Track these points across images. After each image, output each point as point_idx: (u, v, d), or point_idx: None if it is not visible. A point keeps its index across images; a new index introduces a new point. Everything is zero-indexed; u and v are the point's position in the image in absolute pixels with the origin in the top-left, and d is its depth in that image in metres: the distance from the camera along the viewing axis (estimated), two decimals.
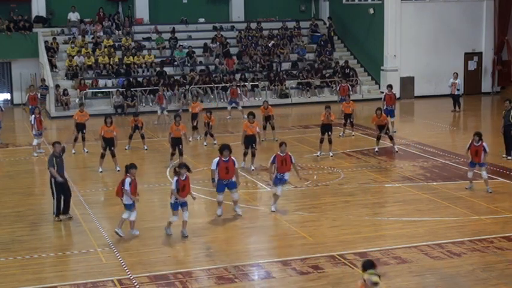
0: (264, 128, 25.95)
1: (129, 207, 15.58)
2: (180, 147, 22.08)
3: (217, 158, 16.64)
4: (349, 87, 32.74)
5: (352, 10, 39.86)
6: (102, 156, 21.81)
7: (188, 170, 15.43)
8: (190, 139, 25.52)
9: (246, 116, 30.13)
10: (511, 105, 22.52)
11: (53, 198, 17.03)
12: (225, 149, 16.67)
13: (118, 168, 21.47)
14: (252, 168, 21.75)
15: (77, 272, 13.67)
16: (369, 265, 10.01)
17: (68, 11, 37.84)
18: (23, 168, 22.94)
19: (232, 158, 16.77)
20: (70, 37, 37.14)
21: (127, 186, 15.41)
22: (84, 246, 15.12)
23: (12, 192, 19.81)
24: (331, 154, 23.39)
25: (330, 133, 23.45)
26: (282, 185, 17.34)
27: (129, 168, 15.51)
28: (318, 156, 23.35)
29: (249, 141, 21.62)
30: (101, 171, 21.69)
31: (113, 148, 21.70)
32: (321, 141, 23.47)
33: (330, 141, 23.50)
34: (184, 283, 12.97)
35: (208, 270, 13.60)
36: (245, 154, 21.75)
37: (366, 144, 25.40)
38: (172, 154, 22.10)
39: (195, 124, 26.49)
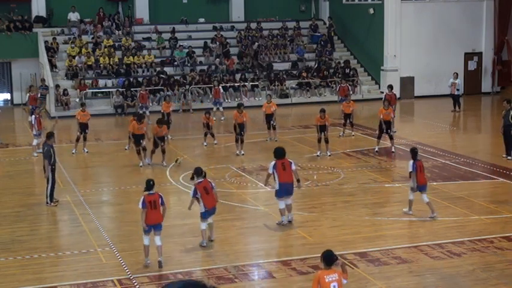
0: (268, 128, 26.04)
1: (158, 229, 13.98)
2: (141, 141, 22.38)
3: (274, 162, 15.88)
4: (349, 87, 32.63)
5: (352, 10, 39.85)
6: (138, 152, 22.39)
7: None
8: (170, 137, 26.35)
9: (222, 118, 30.50)
10: (510, 105, 22.49)
11: (48, 184, 17.89)
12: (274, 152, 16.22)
13: (164, 163, 22.25)
14: (242, 153, 23.81)
15: (77, 272, 13.68)
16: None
17: (68, 11, 37.82)
18: (23, 168, 22.95)
19: (288, 159, 16.16)
20: (70, 37, 37.14)
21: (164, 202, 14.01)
22: (84, 246, 15.12)
23: (12, 192, 19.82)
24: (328, 154, 23.37)
25: (325, 133, 23.42)
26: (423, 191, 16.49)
27: (154, 184, 14.25)
28: (317, 156, 23.35)
29: (239, 129, 23.90)
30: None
31: (163, 144, 22.34)
32: (319, 140, 23.47)
33: (327, 141, 23.47)
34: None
35: (208, 270, 13.60)
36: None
37: (366, 144, 25.40)
38: (139, 152, 22.39)
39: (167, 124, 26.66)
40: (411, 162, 16.39)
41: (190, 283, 4.37)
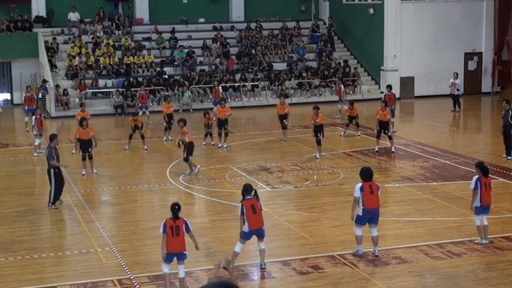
0: (283, 127, 26.04)
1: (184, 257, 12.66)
2: (90, 150, 21.34)
3: (360, 183, 14.06)
4: (342, 88, 32.10)
5: (352, 10, 39.85)
6: (83, 158, 21.47)
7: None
8: (165, 138, 26.30)
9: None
10: (509, 105, 22.45)
11: (52, 187, 17.66)
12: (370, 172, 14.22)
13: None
14: (225, 146, 24.71)
15: (77, 272, 13.68)
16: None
17: (68, 11, 37.82)
18: (23, 168, 22.94)
19: (376, 183, 14.25)
20: (70, 37, 37.14)
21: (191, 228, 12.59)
22: (84, 246, 15.12)
23: (12, 192, 19.81)
24: (317, 155, 23.12)
25: (319, 134, 23.24)
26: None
27: (179, 209, 12.74)
28: (316, 157, 23.22)
29: (222, 123, 24.69)
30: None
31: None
32: (317, 142, 23.32)
33: (319, 143, 23.15)
34: (185, 283, 12.95)
35: (208, 270, 13.59)
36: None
37: (366, 144, 25.40)
38: (84, 158, 21.39)
39: (168, 125, 26.35)
40: (475, 178, 14.67)
41: (225, 284, 4.48)
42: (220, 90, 32.65)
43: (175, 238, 12.31)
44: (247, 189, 13.62)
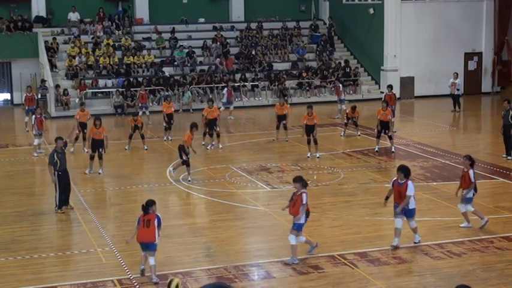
0: (277, 127, 25.99)
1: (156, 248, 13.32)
2: (100, 150, 21.33)
3: (394, 178, 14.76)
4: (340, 88, 32.12)
5: (352, 10, 39.85)
6: (91, 158, 21.47)
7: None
8: (165, 138, 26.29)
9: (231, 117, 30.52)
10: (510, 105, 22.45)
11: (56, 191, 17.50)
12: (405, 170, 14.62)
13: (190, 178, 20.31)
14: (220, 147, 24.67)
15: (77, 272, 13.68)
16: None
17: (68, 11, 37.83)
18: (23, 168, 22.93)
19: (408, 182, 14.45)
20: (70, 37, 37.14)
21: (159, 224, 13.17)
22: (84, 246, 15.13)
23: (12, 192, 19.80)
24: (317, 155, 23.17)
25: (313, 134, 23.21)
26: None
27: (151, 205, 13.27)
28: (308, 157, 23.12)
29: (211, 123, 24.60)
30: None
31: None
32: (308, 142, 23.20)
33: (315, 142, 23.21)
34: (184, 283, 12.96)
35: (208, 270, 13.60)
36: (205, 134, 24.78)
37: (366, 144, 25.40)
38: (92, 157, 21.37)
39: (168, 125, 26.28)
40: (472, 171, 15.49)
41: (223, 285, 4.65)
42: (232, 93, 32.92)
43: (145, 229, 13.01)
44: (305, 182, 14.09)
